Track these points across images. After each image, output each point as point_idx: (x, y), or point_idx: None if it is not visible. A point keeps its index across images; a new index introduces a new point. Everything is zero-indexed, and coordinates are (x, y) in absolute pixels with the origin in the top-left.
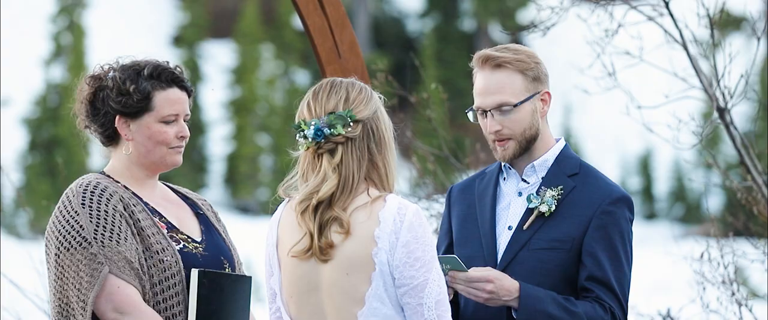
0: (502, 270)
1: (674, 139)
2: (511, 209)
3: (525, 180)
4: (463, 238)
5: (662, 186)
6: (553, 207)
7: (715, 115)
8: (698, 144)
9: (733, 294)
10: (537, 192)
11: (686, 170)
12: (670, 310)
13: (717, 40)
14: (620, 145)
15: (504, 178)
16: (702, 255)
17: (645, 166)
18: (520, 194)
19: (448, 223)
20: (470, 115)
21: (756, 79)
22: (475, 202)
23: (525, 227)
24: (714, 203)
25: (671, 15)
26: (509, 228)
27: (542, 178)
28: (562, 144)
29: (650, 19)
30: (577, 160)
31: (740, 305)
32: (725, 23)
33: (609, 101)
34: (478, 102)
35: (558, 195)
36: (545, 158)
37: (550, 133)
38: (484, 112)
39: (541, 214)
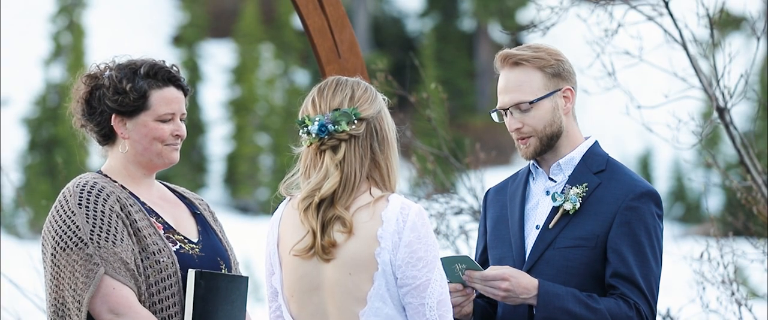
0: (529, 270)
1: (674, 139)
2: (539, 208)
3: (552, 179)
4: (495, 240)
5: (662, 185)
6: (578, 205)
7: (715, 114)
8: (698, 144)
9: (733, 293)
10: (562, 191)
11: (686, 170)
12: (670, 310)
13: (717, 40)
14: (620, 145)
15: (533, 178)
16: (702, 255)
17: (645, 166)
18: (547, 193)
19: (483, 226)
20: (494, 115)
21: (756, 78)
22: (507, 203)
23: (550, 226)
24: (714, 203)
25: (671, 15)
26: (537, 227)
27: (568, 176)
28: (590, 141)
29: (650, 19)
30: (605, 157)
31: (740, 305)
32: (725, 23)
33: (609, 101)
34: (498, 101)
35: (582, 192)
36: (572, 156)
37: (579, 130)
38: (505, 110)
39: (566, 212)
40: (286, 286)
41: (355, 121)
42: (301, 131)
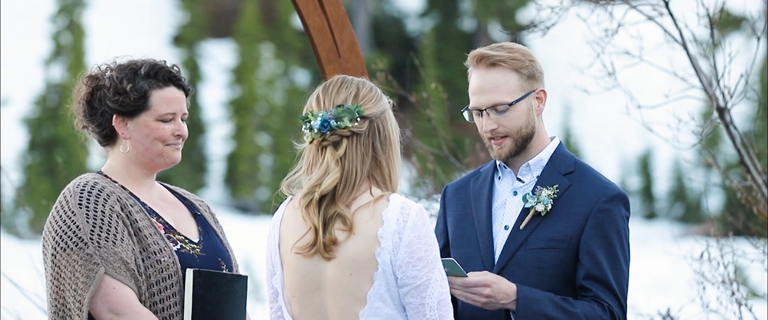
0: (500, 271)
1: (674, 139)
2: (506, 208)
3: (520, 180)
4: (460, 238)
5: (662, 185)
6: (549, 207)
7: (715, 114)
8: (698, 143)
9: (733, 293)
10: (533, 192)
11: (686, 170)
12: (670, 310)
13: (717, 40)
14: (620, 145)
15: (499, 177)
16: (702, 255)
17: (645, 166)
18: (515, 193)
19: (443, 223)
20: (466, 114)
21: (756, 78)
22: (470, 202)
23: (521, 227)
24: (714, 203)
25: (671, 15)
26: (505, 228)
27: (537, 177)
28: (556, 142)
29: (650, 18)
30: (572, 158)
31: (740, 305)
32: (725, 23)
33: (609, 101)
34: (473, 101)
35: (554, 194)
36: (540, 157)
37: (546, 131)
38: (480, 111)
39: (538, 214)
40: (288, 286)
41: (358, 119)
42: (304, 127)
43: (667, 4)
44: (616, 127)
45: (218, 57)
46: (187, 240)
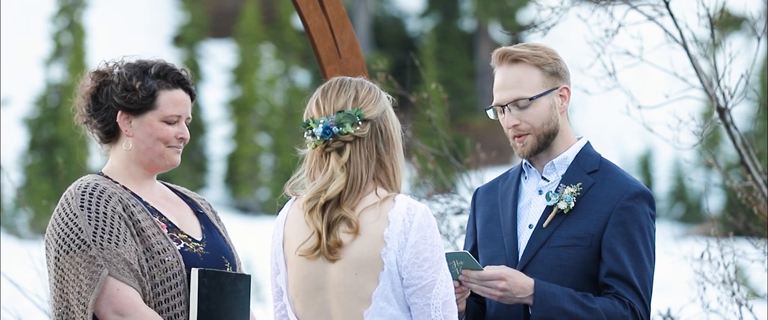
0: (523, 269)
1: (674, 139)
2: (531, 207)
3: (545, 179)
4: (486, 238)
5: (662, 185)
6: (572, 204)
7: (715, 114)
8: (698, 144)
9: (734, 294)
10: (556, 190)
11: (686, 170)
12: (670, 310)
13: (717, 40)
14: (620, 145)
15: (525, 177)
16: (702, 255)
17: (645, 166)
18: (540, 192)
19: (473, 225)
20: (490, 112)
21: (756, 78)
22: (498, 203)
23: (544, 225)
24: (714, 203)
25: (671, 15)
26: (529, 226)
27: (562, 176)
28: (583, 142)
29: (650, 19)
30: (597, 157)
31: (740, 305)
32: (725, 23)
33: (609, 101)
34: (496, 98)
35: (577, 192)
36: (565, 156)
37: (572, 130)
38: (502, 107)
39: (560, 212)
40: (291, 286)
41: (360, 123)
42: (305, 133)
43: (667, 5)
44: (616, 127)
45: (218, 57)
46: (190, 239)
